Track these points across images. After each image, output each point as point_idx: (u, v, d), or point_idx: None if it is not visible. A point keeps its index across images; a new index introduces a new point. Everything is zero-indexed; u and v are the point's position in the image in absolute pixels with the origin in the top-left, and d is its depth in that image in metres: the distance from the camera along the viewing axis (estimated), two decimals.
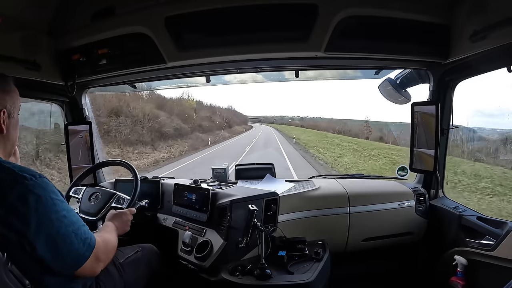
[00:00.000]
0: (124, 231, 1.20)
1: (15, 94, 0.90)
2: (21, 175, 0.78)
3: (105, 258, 0.94)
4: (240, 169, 2.04)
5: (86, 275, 0.90)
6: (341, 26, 1.32)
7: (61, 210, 0.82)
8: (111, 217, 1.22)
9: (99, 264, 0.91)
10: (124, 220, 1.22)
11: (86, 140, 1.92)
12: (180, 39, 1.41)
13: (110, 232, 1.08)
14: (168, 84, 2.12)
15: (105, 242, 0.96)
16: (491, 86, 3.30)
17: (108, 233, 1.07)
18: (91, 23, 1.46)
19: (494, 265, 1.34)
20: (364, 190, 1.83)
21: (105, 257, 0.94)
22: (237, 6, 1.33)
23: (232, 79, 1.99)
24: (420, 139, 1.72)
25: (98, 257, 0.90)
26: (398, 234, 1.77)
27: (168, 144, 14.63)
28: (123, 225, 1.20)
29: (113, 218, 1.21)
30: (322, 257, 1.35)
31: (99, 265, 0.91)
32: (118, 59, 1.52)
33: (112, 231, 1.10)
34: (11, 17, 1.26)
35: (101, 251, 0.92)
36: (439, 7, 1.36)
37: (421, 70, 1.68)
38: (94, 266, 0.89)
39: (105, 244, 0.95)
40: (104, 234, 1.04)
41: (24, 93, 1.65)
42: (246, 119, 35.73)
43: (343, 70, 1.92)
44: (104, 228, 1.13)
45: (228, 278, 1.23)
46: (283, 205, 1.56)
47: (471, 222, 1.50)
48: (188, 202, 1.60)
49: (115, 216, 1.22)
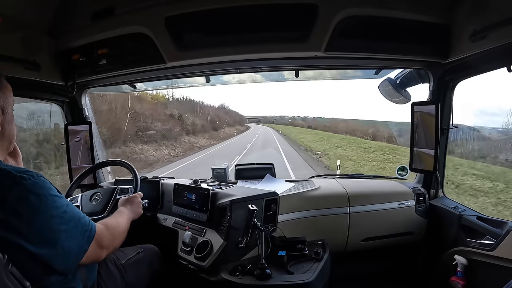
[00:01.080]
0: (138, 214, 1.23)
1: (7, 90, 0.89)
2: (19, 176, 0.78)
3: (109, 245, 0.94)
4: (240, 169, 2.04)
5: (90, 262, 0.92)
6: (341, 26, 1.32)
7: (61, 206, 0.82)
8: (123, 203, 1.24)
9: (103, 251, 0.92)
10: (136, 202, 1.26)
11: (86, 140, 1.92)
12: (180, 39, 1.41)
13: (120, 217, 1.10)
14: (168, 84, 2.13)
15: (109, 228, 0.97)
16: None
17: (118, 218, 1.09)
18: (91, 23, 1.46)
19: (494, 265, 1.34)
20: (364, 190, 1.83)
21: (109, 243, 0.94)
22: (237, 6, 1.33)
23: (232, 79, 1.99)
24: (420, 139, 1.72)
25: (100, 244, 0.90)
26: (398, 234, 1.77)
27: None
28: (136, 207, 1.23)
29: (125, 203, 1.24)
30: (322, 257, 1.35)
31: (102, 252, 0.92)
32: (118, 59, 1.52)
33: (123, 216, 1.12)
34: (11, 17, 1.26)
35: (105, 238, 0.92)
36: (439, 7, 1.36)
37: (421, 70, 1.68)
38: (97, 252, 0.90)
39: (109, 230, 0.96)
40: (110, 220, 1.04)
41: (24, 93, 1.67)
42: (242, 119, 32.30)
43: (343, 70, 1.92)
44: (115, 214, 1.14)
45: (228, 278, 1.23)
46: (283, 205, 1.56)
47: (471, 222, 1.50)
48: (188, 202, 1.60)
49: (127, 201, 1.25)
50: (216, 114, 22.97)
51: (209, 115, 21.39)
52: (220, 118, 23.14)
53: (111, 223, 1.01)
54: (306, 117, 34.80)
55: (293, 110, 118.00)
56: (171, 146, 12.61)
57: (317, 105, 69.06)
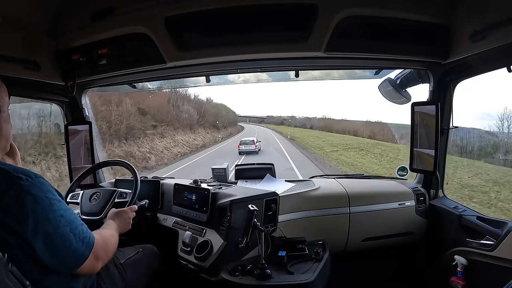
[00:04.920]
0: (126, 229, 1.20)
1: (3, 89, 0.89)
2: (16, 176, 0.77)
3: (104, 256, 0.93)
4: (240, 169, 2.04)
5: (85, 274, 0.90)
6: (341, 26, 1.32)
7: (58, 210, 0.81)
8: (112, 216, 1.21)
9: (98, 262, 0.91)
10: (126, 218, 1.22)
11: (86, 140, 1.92)
12: (180, 39, 1.40)
13: (110, 230, 1.08)
14: (168, 84, 2.13)
15: (104, 240, 0.96)
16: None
17: (109, 230, 1.06)
18: (91, 23, 1.46)
19: (494, 265, 1.34)
20: (364, 190, 1.83)
21: (104, 255, 0.93)
22: (237, 6, 1.33)
23: (237, 78, 1.99)
24: (420, 139, 1.72)
25: (97, 255, 0.89)
26: (398, 234, 1.77)
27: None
28: (124, 223, 1.20)
29: (114, 216, 1.21)
30: (322, 257, 1.35)
31: (98, 263, 0.91)
32: (118, 59, 1.52)
33: (113, 229, 1.09)
34: (11, 17, 1.26)
35: (100, 249, 0.91)
36: (439, 7, 1.36)
37: (421, 70, 1.68)
38: (93, 264, 0.89)
39: (104, 242, 0.95)
40: (104, 231, 1.03)
41: (24, 93, 1.67)
42: (236, 119, 26.55)
43: (343, 70, 1.92)
44: (105, 226, 1.12)
45: (228, 278, 1.23)
46: (283, 205, 1.56)
47: (471, 222, 1.50)
48: (188, 202, 1.60)
49: (116, 215, 1.21)
50: (174, 113, 16.72)
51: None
52: (182, 118, 16.52)
53: (105, 234, 1.00)
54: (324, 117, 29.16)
55: (293, 110, 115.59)
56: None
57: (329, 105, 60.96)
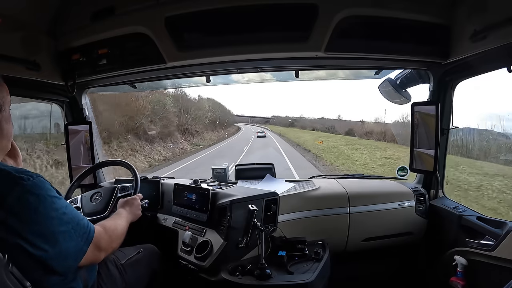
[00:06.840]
0: (137, 216, 1.23)
1: (4, 89, 0.89)
2: (18, 176, 0.77)
3: (107, 247, 0.95)
4: (240, 169, 2.04)
5: (88, 264, 0.92)
6: (341, 26, 1.32)
7: (60, 208, 0.82)
8: (122, 204, 1.25)
9: (101, 253, 0.92)
10: (136, 204, 1.26)
11: (86, 140, 1.92)
12: (180, 39, 1.40)
13: (118, 219, 1.10)
14: (168, 84, 2.12)
15: (108, 230, 0.97)
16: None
17: (116, 220, 1.09)
18: (91, 23, 1.46)
19: (494, 265, 1.34)
20: (364, 190, 1.83)
21: (107, 245, 0.95)
22: (237, 6, 1.32)
23: (236, 79, 1.99)
24: (420, 139, 1.72)
25: (98, 246, 0.91)
26: (398, 234, 1.77)
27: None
28: (135, 209, 1.24)
29: (124, 204, 1.24)
30: (322, 257, 1.35)
31: (100, 254, 0.92)
32: (118, 59, 1.52)
33: (122, 218, 1.12)
34: (11, 17, 1.26)
35: (103, 240, 0.93)
36: (439, 7, 1.36)
37: (421, 70, 1.68)
38: (95, 254, 0.90)
39: (107, 233, 0.96)
40: (109, 222, 1.04)
41: (24, 93, 1.67)
42: (233, 119, 26.03)
43: (343, 70, 1.92)
44: (114, 215, 1.14)
45: (228, 278, 1.23)
46: (283, 205, 1.56)
47: (471, 222, 1.50)
48: (188, 202, 1.60)
49: (126, 203, 1.25)
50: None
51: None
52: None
53: (109, 225, 1.01)
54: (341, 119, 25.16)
55: (292, 110, 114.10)
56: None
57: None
